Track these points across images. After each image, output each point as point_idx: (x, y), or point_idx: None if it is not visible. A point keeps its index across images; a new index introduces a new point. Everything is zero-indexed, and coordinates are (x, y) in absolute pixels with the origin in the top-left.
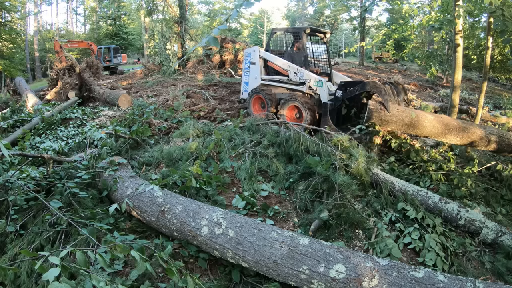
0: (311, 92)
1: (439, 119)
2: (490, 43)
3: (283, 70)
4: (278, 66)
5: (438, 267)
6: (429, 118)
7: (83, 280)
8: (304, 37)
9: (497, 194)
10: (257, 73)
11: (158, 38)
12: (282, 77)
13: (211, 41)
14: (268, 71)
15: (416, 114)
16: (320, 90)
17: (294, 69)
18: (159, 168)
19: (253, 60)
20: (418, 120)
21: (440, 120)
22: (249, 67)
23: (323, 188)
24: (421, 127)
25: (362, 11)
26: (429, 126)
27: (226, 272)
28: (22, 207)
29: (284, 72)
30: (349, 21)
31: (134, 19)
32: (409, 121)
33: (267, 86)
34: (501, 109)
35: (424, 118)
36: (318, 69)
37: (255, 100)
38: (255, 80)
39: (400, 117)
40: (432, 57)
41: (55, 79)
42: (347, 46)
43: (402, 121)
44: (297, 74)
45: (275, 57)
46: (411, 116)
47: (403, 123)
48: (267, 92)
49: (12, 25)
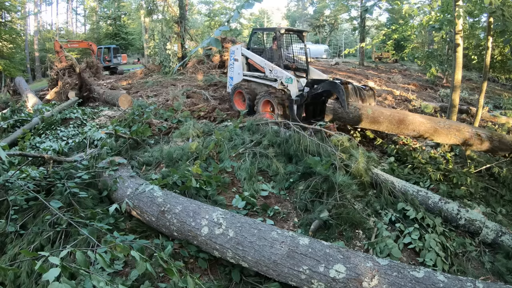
0: (283, 88)
1: (395, 115)
2: (490, 43)
3: (260, 67)
4: (256, 64)
5: (438, 267)
6: (385, 114)
7: (83, 280)
8: (279, 37)
9: (497, 194)
10: (240, 70)
11: (158, 38)
12: (260, 74)
13: (213, 42)
14: (249, 67)
15: (372, 111)
16: (290, 87)
17: (270, 66)
18: (159, 168)
19: (236, 57)
20: (374, 116)
21: (396, 115)
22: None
23: (323, 188)
24: (378, 123)
25: (363, 12)
26: (386, 121)
27: (226, 272)
28: (22, 207)
29: (262, 69)
30: (349, 21)
31: (134, 19)
32: (366, 117)
33: (248, 82)
34: (501, 109)
35: (380, 114)
36: (293, 64)
37: (236, 95)
38: (238, 76)
39: (357, 114)
40: (432, 57)
41: (55, 79)
42: (347, 47)
43: (359, 118)
44: (272, 71)
45: (254, 55)
46: (367, 112)
47: (360, 120)
48: (246, 87)
49: (12, 25)
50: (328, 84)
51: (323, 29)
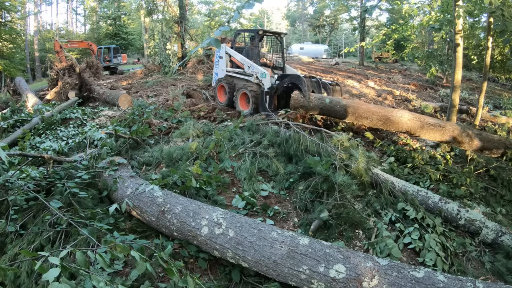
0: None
1: (350, 104)
2: (490, 43)
3: (240, 64)
4: (237, 61)
5: (438, 267)
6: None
7: (83, 280)
8: (257, 37)
9: (497, 194)
10: (224, 66)
11: (158, 38)
12: (240, 70)
13: (213, 42)
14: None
15: (330, 100)
16: (264, 81)
17: (248, 63)
18: (159, 168)
19: (221, 55)
20: (331, 106)
21: (351, 104)
22: (218, 60)
23: (323, 188)
24: (334, 112)
25: (363, 12)
26: (340, 110)
27: (226, 272)
28: (22, 207)
29: (241, 65)
30: (349, 21)
31: (134, 19)
32: (323, 107)
33: (230, 77)
34: (501, 109)
35: (337, 103)
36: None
37: (219, 88)
38: (222, 72)
39: (316, 103)
40: (432, 57)
41: (55, 79)
42: (347, 46)
43: (319, 107)
44: (250, 67)
45: (236, 53)
46: (325, 102)
47: (320, 108)
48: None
49: (12, 25)
50: (293, 77)
51: (323, 29)
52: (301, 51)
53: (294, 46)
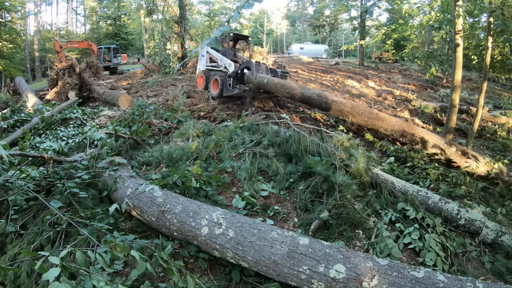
0: (225, 70)
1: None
2: (490, 43)
3: (216, 59)
4: (214, 57)
5: (438, 267)
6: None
7: (83, 280)
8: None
9: (497, 194)
10: (204, 62)
11: (158, 38)
12: (215, 64)
13: (213, 42)
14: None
15: (267, 80)
16: (230, 69)
17: (220, 57)
18: (159, 168)
19: (203, 54)
20: (267, 83)
21: (281, 83)
22: (201, 58)
23: (323, 188)
24: (268, 88)
25: (363, 12)
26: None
27: (226, 272)
28: (22, 207)
29: (216, 60)
30: (349, 21)
31: (134, 19)
32: (263, 83)
33: (208, 70)
34: (501, 109)
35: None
36: (240, 59)
37: (199, 78)
38: (203, 66)
39: (259, 80)
40: (432, 57)
41: (55, 79)
42: (346, 44)
43: (260, 83)
44: (221, 61)
45: (213, 51)
46: (263, 81)
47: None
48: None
49: (12, 25)
50: (246, 62)
51: (323, 29)
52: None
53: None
